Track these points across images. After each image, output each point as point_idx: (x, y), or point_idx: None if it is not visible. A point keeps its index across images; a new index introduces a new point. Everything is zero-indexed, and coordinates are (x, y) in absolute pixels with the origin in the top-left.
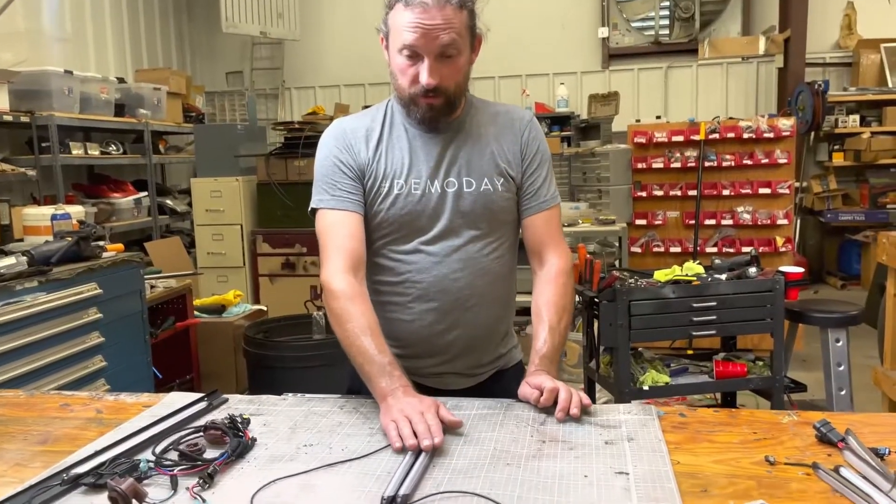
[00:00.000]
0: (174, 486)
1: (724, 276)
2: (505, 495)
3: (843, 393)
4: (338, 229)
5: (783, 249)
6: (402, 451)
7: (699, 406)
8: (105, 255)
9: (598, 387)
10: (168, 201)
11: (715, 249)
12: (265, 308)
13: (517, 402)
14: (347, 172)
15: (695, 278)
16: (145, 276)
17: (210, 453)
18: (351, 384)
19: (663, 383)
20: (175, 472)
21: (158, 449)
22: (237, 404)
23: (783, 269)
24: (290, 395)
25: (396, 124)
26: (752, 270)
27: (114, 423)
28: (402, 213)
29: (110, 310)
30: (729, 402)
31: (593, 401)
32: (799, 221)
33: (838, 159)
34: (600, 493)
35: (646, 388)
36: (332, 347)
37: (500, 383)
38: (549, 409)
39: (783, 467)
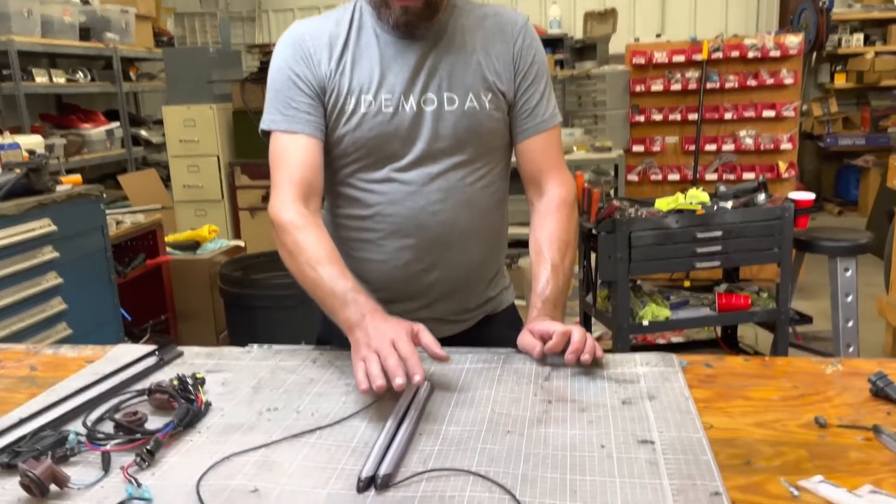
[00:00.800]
0: (106, 465)
1: (729, 205)
2: (507, 474)
3: (850, 325)
4: (290, 156)
5: (786, 175)
6: (370, 392)
7: (698, 339)
8: (60, 188)
9: (594, 321)
10: (142, 132)
11: (715, 176)
12: (243, 244)
13: (516, 352)
14: (304, 88)
15: (699, 207)
16: (108, 211)
17: (154, 422)
18: (321, 332)
19: (664, 318)
20: (108, 447)
21: (91, 418)
22: (194, 358)
23: (792, 195)
24: (256, 346)
25: (366, 29)
26: (762, 198)
27: (48, 383)
28: (370, 135)
29: (68, 248)
30: (729, 335)
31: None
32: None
33: (840, 81)
34: (621, 469)
35: (645, 323)
36: None
37: (490, 329)
38: (553, 361)
39: (837, 430)
